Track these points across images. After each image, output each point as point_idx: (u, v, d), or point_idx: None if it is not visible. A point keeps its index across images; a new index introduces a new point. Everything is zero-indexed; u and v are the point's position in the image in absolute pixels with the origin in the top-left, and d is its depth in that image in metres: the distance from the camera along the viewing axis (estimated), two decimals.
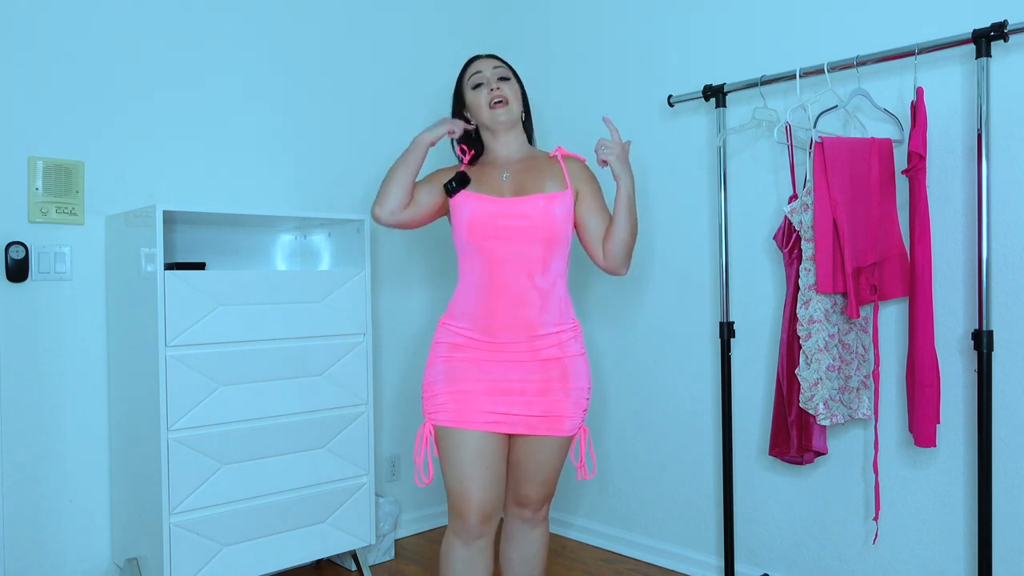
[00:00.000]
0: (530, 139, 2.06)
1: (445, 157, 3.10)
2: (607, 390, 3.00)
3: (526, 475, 1.92)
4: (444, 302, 3.19)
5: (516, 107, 1.95)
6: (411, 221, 1.93)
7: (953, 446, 2.13)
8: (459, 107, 2.02)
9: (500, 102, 1.92)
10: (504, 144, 1.97)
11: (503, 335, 1.84)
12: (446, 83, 3.24)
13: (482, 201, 1.87)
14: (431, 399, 1.88)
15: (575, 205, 1.92)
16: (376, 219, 1.90)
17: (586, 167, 1.97)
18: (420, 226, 1.99)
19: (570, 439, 1.91)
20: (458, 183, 1.89)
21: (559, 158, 1.95)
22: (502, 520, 2.01)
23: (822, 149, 1.98)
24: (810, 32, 2.38)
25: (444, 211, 1.98)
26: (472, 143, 2.02)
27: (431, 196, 1.94)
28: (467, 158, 1.98)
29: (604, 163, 1.87)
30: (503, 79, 1.95)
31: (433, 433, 1.87)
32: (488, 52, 2.03)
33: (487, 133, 1.98)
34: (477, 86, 1.95)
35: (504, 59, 2.03)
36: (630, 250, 1.91)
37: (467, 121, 2.00)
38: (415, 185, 1.93)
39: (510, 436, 1.89)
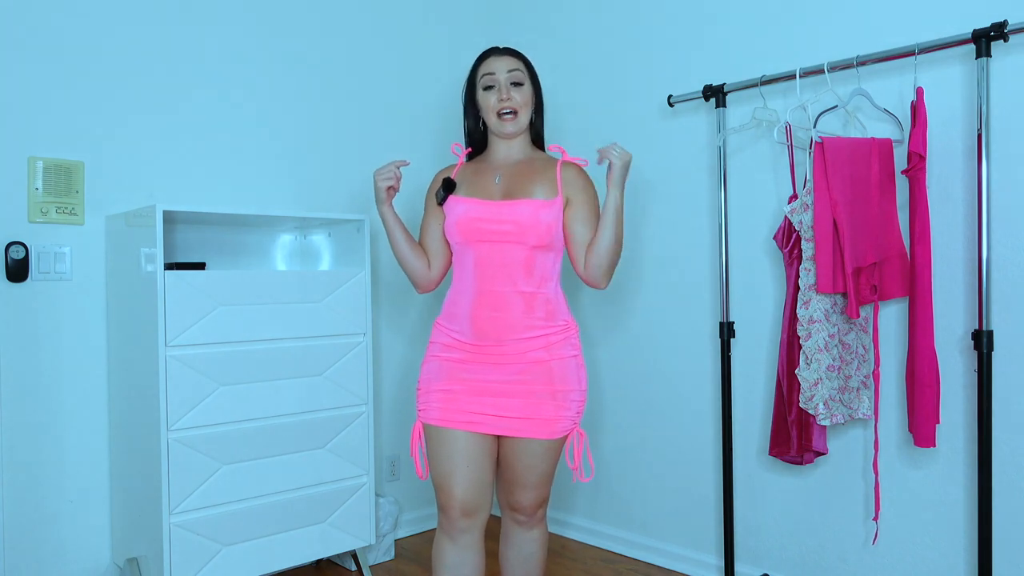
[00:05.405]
0: (539, 142, 2.02)
1: (444, 158, 3.11)
2: (607, 390, 3.00)
3: (514, 478, 1.90)
4: (443, 302, 3.19)
5: (525, 117, 1.92)
6: (448, 261, 2.00)
7: (953, 446, 2.13)
8: (470, 101, 1.98)
9: (509, 114, 1.89)
10: (506, 147, 1.95)
11: (487, 337, 1.84)
12: (445, 82, 3.27)
13: (470, 204, 1.87)
14: (422, 397, 1.91)
15: (564, 212, 1.88)
16: (425, 293, 2.06)
17: (583, 174, 1.91)
18: None
19: (559, 442, 1.87)
20: (445, 190, 1.92)
21: (558, 164, 1.91)
22: (502, 520, 2.02)
23: (822, 149, 1.98)
24: (810, 32, 2.38)
25: None
26: (476, 139, 2.00)
27: (440, 227, 1.97)
28: (463, 155, 1.97)
29: (604, 160, 1.84)
30: (516, 84, 1.90)
31: (422, 430, 1.90)
32: (497, 47, 1.99)
33: (491, 133, 1.96)
34: (488, 87, 1.91)
35: (521, 54, 1.96)
36: (612, 263, 1.87)
37: (477, 119, 1.97)
38: (424, 232, 2.00)
39: (499, 438, 1.89)
